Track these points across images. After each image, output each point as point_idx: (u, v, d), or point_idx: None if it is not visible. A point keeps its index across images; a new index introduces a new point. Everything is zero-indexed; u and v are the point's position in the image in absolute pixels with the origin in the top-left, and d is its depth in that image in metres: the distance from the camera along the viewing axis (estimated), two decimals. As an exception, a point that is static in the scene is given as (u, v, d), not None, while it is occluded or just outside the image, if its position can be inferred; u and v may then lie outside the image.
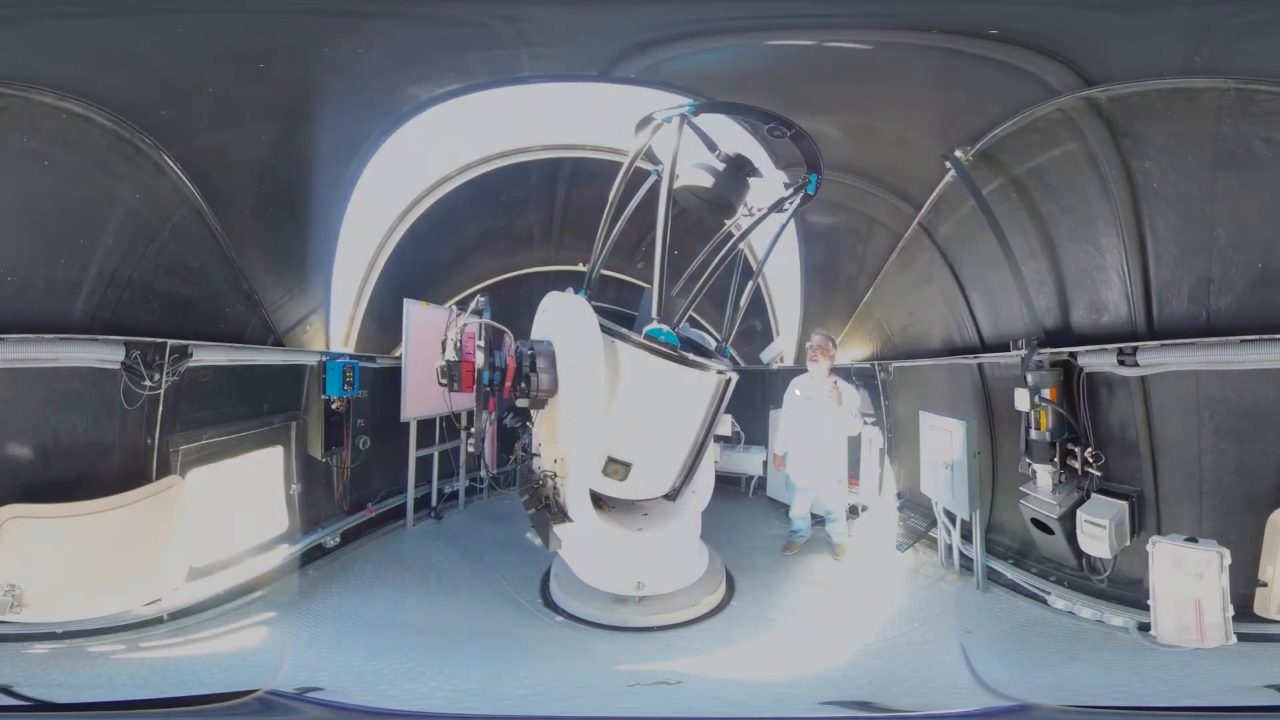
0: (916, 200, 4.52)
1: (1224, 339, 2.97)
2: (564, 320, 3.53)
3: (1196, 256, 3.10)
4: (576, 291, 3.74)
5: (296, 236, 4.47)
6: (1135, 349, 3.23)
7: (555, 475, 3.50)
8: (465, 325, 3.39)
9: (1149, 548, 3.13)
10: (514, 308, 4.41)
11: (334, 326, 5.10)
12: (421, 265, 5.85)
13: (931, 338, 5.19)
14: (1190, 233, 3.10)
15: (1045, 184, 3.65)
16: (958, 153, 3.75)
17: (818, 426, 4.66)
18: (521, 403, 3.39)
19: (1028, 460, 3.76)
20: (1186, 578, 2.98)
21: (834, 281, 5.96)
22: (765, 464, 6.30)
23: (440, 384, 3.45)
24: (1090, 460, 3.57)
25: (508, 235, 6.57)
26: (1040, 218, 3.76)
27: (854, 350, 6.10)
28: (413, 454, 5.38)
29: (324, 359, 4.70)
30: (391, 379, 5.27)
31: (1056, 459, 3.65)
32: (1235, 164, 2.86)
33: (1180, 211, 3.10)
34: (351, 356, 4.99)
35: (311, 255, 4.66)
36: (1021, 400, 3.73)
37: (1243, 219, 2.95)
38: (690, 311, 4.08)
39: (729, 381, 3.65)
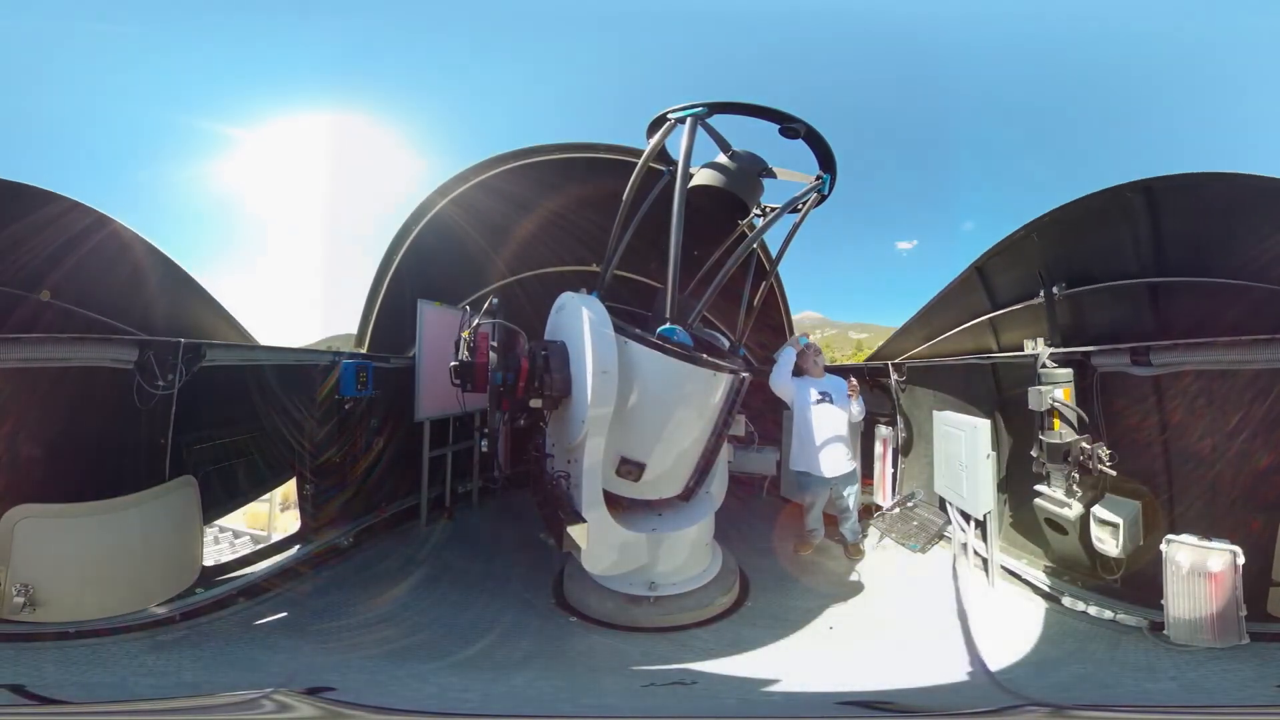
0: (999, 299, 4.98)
1: (1236, 339, 2.98)
2: (577, 320, 3.52)
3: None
4: (590, 292, 3.74)
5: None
6: (1149, 349, 3.24)
7: (568, 476, 3.49)
8: (479, 326, 3.38)
9: (1163, 547, 3.14)
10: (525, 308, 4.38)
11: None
12: (434, 266, 5.84)
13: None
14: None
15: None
16: (1055, 289, 4.19)
17: (829, 425, 4.66)
18: (535, 403, 3.38)
19: (1042, 460, 3.76)
20: (1199, 577, 2.99)
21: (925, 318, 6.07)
22: (778, 464, 6.31)
23: (454, 384, 3.44)
24: (1104, 460, 3.58)
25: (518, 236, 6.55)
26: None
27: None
28: (425, 454, 5.37)
29: (338, 359, 4.70)
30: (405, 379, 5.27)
31: (1070, 459, 3.65)
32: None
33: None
34: (364, 357, 4.99)
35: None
36: (1035, 400, 3.74)
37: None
38: (704, 311, 4.08)
39: (743, 381, 3.65)
